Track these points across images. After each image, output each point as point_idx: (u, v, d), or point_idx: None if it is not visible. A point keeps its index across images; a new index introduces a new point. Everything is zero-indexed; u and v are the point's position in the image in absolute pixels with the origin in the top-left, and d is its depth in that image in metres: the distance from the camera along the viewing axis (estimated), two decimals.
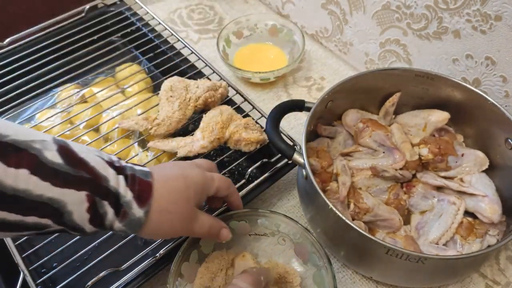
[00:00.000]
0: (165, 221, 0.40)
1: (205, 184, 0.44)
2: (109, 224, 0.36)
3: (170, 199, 0.40)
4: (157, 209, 0.38)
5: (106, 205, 0.35)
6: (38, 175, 0.31)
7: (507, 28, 0.54)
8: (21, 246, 0.52)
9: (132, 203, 0.37)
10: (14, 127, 0.32)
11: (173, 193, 0.40)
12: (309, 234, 0.49)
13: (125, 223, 0.37)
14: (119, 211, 0.36)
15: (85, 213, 0.34)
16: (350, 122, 0.61)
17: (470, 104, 0.56)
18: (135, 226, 0.37)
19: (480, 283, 0.53)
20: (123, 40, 0.79)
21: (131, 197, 0.37)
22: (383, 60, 0.73)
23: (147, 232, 0.39)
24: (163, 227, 0.40)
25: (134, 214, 0.37)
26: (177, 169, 0.42)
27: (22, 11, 1.00)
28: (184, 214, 0.41)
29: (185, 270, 0.48)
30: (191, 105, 0.63)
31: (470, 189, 0.54)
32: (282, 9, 0.89)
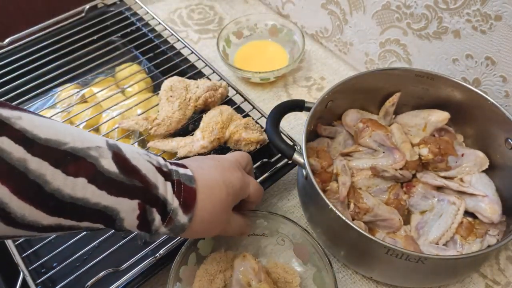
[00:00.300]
0: (206, 229, 0.42)
1: (242, 190, 0.45)
2: (154, 229, 0.38)
3: (213, 211, 0.41)
4: (200, 219, 0.40)
5: (154, 212, 0.36)
6: (95, 184, 0.32)
7: (507, 28, 0.54)
8: (21, 246, 0.52)
9: (178, 210, 0.38)
10: (71, 133, 0.33)
11: (216, 205, 0.41)
12: (308, 235, 0.49)
13: (170, 228, 0.38)
14: (165, 217, 0.37)
15: (135, 220, 0.36)
16: (350, 122, 0.61)
17: (470, 104, 0.56)
18: (178, 231, 0.39)
19: (480, 283, 0.53)
20: (123, 40, 0.79)
21: (177, 204, 0.38)
22: (383, 60, 0.73)
23: (185, 235, 0.41)
24: (202, 232, 0.43)
25: (179, 221, 0.38)
26: (218, 173, 0.43)
27: (22, 11, 1.00)
28: (222, 222, 0.43)
29: (183, 273, 0.48)
30: (191, 105, 0.63)
31: (470, 189, 0.54)
32: (282, 9, 0.89)
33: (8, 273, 0.51)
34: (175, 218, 0.38)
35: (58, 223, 0.32)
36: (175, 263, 0.47)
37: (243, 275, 0.47)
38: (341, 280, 0.54)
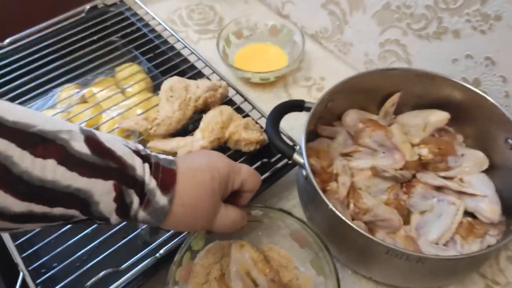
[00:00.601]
0: (189, 215, 0.39)
1: (231, 177, 0.42)
2: (134, 214, 0.36)
3: (195, 193, 0.39)
4: (181, 202, 0.38)
5: (132, 194, 0.35)
6: (65, 166, 0.31)
7: (507, 28, 0.54)
8: (21, 246, 0.52)
9: (155, 191, 0.36)
10: (41, 117, 0.32)
11: (199, 187, 0.39)
12: (305, 225, 0.48)
13: (149, 212, 0.36)
14: (143, 199, 0.36)
15: (112, 203, 0.34)
16: (350, 122, 0.61)
17: (470, 104, 0.56)
18: (159, 215, 0.37)
19: (480, 283, 0.53)
20: (123, 40, 0.79)
21: (155, 185, 0.36)
22: (383, 60, 0.73)
23: (169, 223, 0.38)
24: (186, 220, 0.39)
25: (157, 202, 0.36)
26: (203, 159, 0.41)
27: (22, 11, 0.99)
28: (208, 208, 0.40)
29: (179, 275, 0.46)
30: (191, 105, 0.63)
31: (470, 189, 0.54)
32: (282, 9, 0.89)
33: (8, 273, 0.51)
34: (153, 199, 0.36)
35: (30, 210, 0.30)
36: (170, 270, 0.45)
37: (242, 266, 0.46)
38: (341, 280, 0.54)
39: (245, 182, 0.43)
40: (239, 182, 0.43)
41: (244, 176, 0.43)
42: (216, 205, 0.41)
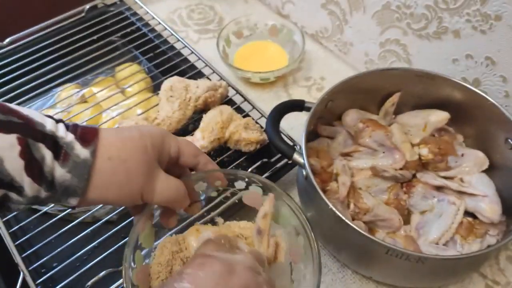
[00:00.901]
0: (120, 171, 0.34)
1: (165, 139, 0.38)
2: (49, 172, 0.31)
3: (123, 146, 0.35)
4: (107, 155, 0.33)
5: (42, 147, 0.31)
6: None
7: (507, 28, 0.54)
8: (21, 246, 0.52)
9: (74, 143, 0.32)
10: None
11: (126, 142, 0.35)
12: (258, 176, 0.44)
13: (69, 168, 0.32)
14: (59, 153, 0.32)
15: (18, 159, 0.30)
16: (350, 122, 0.61)
17: (470, 104, 0.56)
18: (81, 171, 0.32)
19: (480, 283, 0.53)
20: (123, 40, 0.79)
21: (73, 138, 0.32)
22: (383, 60, 0.73)
23: (99, 184, 0.33)
24: (118, 179, 0.34)
25: (78, 155, 0.32)
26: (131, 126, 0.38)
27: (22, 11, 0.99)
28: (142, 164, 0.35)
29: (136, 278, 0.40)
30: (191, 105, 0.63)
31: (470, 189, 0.54)
32: (282, 9, 0.89)
33: (8, 273, 0.51)
34: (71, 152, 0.32)
35: None
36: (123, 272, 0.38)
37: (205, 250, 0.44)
38: (341, 280, 0.54)
39: (183, 149, 0.40)
40: (176, 147, 0.39)
41: (181, 145, 0.40)
42: (151, 165, 0.36)
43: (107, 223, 0.54)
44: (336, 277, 0.54)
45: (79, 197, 0.33)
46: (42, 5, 0.97)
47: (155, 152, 0.37)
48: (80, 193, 0.33)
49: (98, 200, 0.35)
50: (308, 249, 0.41)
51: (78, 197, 0.33)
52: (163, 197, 0.37)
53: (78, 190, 0.33)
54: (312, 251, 0.41)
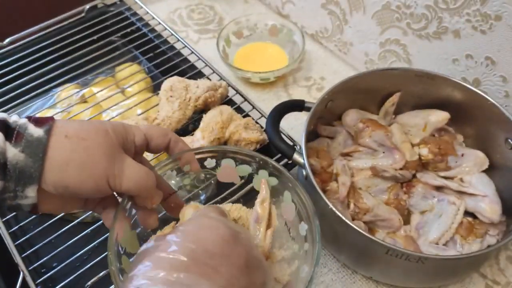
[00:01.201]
0: (79, 149, 0.32)
1: (126, 128, 0.36)
2: (1, 153, 0.29)
3: (80, 127, 0.33)
4: (63, 133, 0.32)
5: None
6: None
7: (507, 28, 0.54)
8: (21, 246, 0.52)
9: (27, 124, 0.31)
10: None
11: (84, 123, 0.34)
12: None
13: (22, 147, 0.30)
14: (10, 134, 0.30)
15: None
16: (350, 122, 0.61)
17: (470, 104, 0.56)
18: (36, 150, 0.30)
19: (480, 283, 0.53)
20: (123, 40, 0.79)
21: (26, 120, 0.31)
22: (383, 60, 0.73)
23: (57, 163, 0.31)
24: (79, 157, 0.32)
25: (31, 134, 0.30)
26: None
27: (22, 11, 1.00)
28: (103, 144, 0.33)
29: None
30: (191, 105, 0.63)
31: (470, 189, 0.54)
32: (282, 9, 0.89)
33: (8, 273, 0.51)
34: (24, 132, 0.30)
35: None
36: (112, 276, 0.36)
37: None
38: (341, 280, 0.54)
39: (150, 133, 0.38)
40: (141, 135, 0.37)
41: (146, 130, 0.38)
42: (114, 148, 0.34)
43: None
44: (336, 277, 0.54)
45: (36, 184, 0.31)
46: (42, 5, 0.97)
47: (118, 138, 0.35)
48: (36, 177, 0.30)
49: (58, 186, 0.32)
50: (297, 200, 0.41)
51: (35, 184, 0.31)
52: (133, 182, 0.34)
53: (34, 173, 0.30)
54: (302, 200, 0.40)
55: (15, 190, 0.31)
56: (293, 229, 0.42)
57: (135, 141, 0.37)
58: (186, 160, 0.42)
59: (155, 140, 0.39)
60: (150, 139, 0.38)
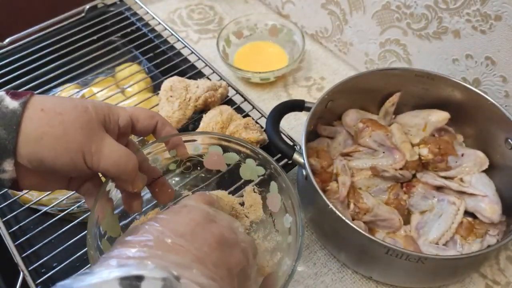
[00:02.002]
0: (55, 122, 0.31)
1: (111, 108, 0.36)
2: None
3: (58, 102, 0.33)
4: (40, 107, 0.31)
5: None
6: None
7: (507, 28, 0.54)
8: (21, 246, 0.52)
9: (3, 97, 0.31)
10: None
11: (64, 99, 0.33)
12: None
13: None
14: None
15: None
16: (350, 122, 0.61)
17: (470, 104, 0.56)
18: (10, 122, 0.30)
19: (480, 283, 0.53)
20: (123, 40, 0.79)
21: (3, 93, 0.31)
22: (383, 60, 0.73)
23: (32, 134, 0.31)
24: (54, 131, 0.31)
25: (6, 106, 0.31)
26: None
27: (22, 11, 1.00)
28: (81, 119, 0.32)
29: None
30: (191, 105, 0.63)
31: (470, 189, 0.54)
32: (282, 9, 0.89)
33: (8, 273, 0.51)
34: (0, 103, 0.31)
35: None
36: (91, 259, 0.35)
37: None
38: (341, 280, 0.54)
39: (136, 115, 0.37)
40: (126, 116, 0.37)
41: (131, 111, 0.37)
42: (93, 125, 0.33)
43: None
44: (336, 277, 0.54)
45: (12, 158, 0.31)
46: (42, 5, 0.98)
47: (98, 115, 0.34)
48: (11, 150, 0.30)
49: (32, 159, 0.31)
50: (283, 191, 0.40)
51: (11, 157, 0.31)
52: (111, 163, 0.33)
53: (8, 145, 0.30)
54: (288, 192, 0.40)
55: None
56: (278, 221, 0.42)
57: (119, 122, 0.36)
58: (173, 144, 0.41)
59: (141, 122, 0.38)
60: (136, 120, 0.37)
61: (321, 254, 0.56)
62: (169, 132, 0.40)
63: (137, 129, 0.38)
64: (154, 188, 0.41)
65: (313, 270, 0.54)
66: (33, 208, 0.56)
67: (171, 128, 0.40)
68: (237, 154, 0.43)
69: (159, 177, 0.41)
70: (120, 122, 0.36)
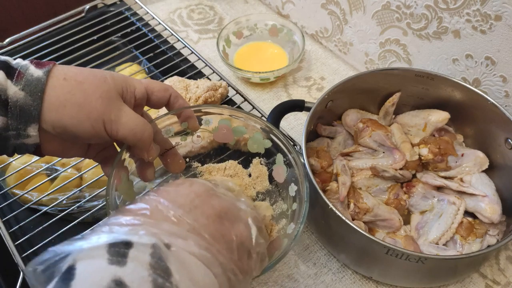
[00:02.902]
0: (77, 91, 0.33)
1: (127, 79, 0.37)
2: (2, 90, 0.31)
3: (79, 71, 0.34)
4: (62, 76, 0.33)
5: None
6: None
7: (507, 28, 0.54)
8: (21, 246, 0.52)
9: (28, 65, 0.33)
10: None
11: (84, 70, 0.35)
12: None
13: (22, 86, 0.32)
14: (12, 73, 0.32)
15: None
16: (350, 122, 0.61)
17: (470, 104, 0.56)
18: (35, 89, 0.32)
19: (480, 283, 0.53)
20: (123, 40, 0.79)
21: (28, 62, 0.33)
22: (383, 60, 0.73)
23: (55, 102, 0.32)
24: (75, 99, 0.33)
25: (31, 74, 0.32)
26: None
27: (22, 11, 1.00)
28: (100, 88, 0.34)
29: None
30: None
31: (470, 189, 0.54)
32: (282, 9, 0.89)
33: (8, 273, 0.51)
34: (25, 72, 0.32)
35: None
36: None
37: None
38: (341, 280, 0.54)
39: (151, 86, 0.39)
40: (142, 88, 0.38)
41: (147, 83, 0.39)
42: (112, 94, 0.35)
43: None
44: (336, 277, 0.54)
45: (37, 123, 0.33)
46: (42, 5, 0.98)
47: (117, 86, 0.36)
48: (36, 115, 0.32)
49: (56, 126, 0.33)
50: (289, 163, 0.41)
51: (35, 123, 0.33)
52: (129, 130, 0.35)
53: (34, 111, 0.32)
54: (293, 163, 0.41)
55: (18, 128, 0.33)
56: (283, 190, 0.44)
57: (135, 93, 0.37)
58: (185, 116, 0.42)
59: (156, 94, 0.39)
60: (151, 92, 0.39)
61: (321, 254, 0.56)
62: (181, 105, 0.41)
63: (151, 101, 0.39)
64: (166, 159, 0.42)
65: (313, 270, 0.54)
66: (33, 208, 0.56)
67: (183, 101, 0.41)
68: (245, 128, 0.44)
69: (171, 148, 0.42)
70: (136, 94, 0.38)
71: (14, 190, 0.58)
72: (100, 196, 0.57)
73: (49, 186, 0.59)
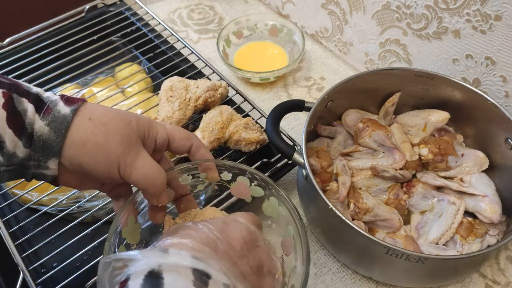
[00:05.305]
0: (99, 132, 0.34)
1: (152, 124, 0.38)
2: (30, 124, 0.32)
3: (106, 112, 0.35)
4: (88, 116, 0.34)
5: (25, 101, 0.32)
6: None
7: (507, 28, 0.54)
8: (21, 246, 0.52)
9: (58, 101, 0.34)
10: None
11: (111, 110, 0.36)
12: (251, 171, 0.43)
13: (48, 121, 0.33)
14: (41, 107, 0.33)
15: (1, 110, 0.31)
16: (350, 122, 0.61)
17: (470, 104, 0.56)
18: (60, 126, 0.33)
19: (480, 283, 0.53)
20: (123, 40, 0.79)
21: (58, 98, 0.34)
22: (383, 60, 0.73)
23: (76, 139, 0.33)
24: (96, 140, 0.33)
25: (59, 111, 0.33)
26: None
27: (22, 11, 1.00)
28: (122, 132, 0.35)
29: None
30: (191, 105, 0.63)
31: (470, 189, 0.54)
32: (282, 9, 0.89)
33: (8, 273, 0.51)
34: (54, 107, 0.33)
35: None
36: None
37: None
38: (341, 280, 0.54)
39: (173, 134, 0.39)
40: (164, 134, 0.39)
41: (170, 130, 0.39)
42: (133, 139, 0.35)
43: (107, 223, 0.54)
44: (336, 277, 0.54)
45: (57, 158, 0.33)
46: (42, 5, 0.98)
47: (140, 130, 0.36)
48: (57, 151, 0.33)
49: (73, 162, 0.34)
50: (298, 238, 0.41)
51: (56, 157, 0.33)
52: (142, 176, 0.35)
53: (55, 147, 0.33)
54: (301, 240, 0.40)
55: (39, 160, 0.34)
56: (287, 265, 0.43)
57: (156, 137, 0.38)
58: (205, 166, 0.42)
59: (177, 142, 0.40)
60: (172, 140, 0.39)
61: (321, 254, 0.56)
62: (203, 155, 0.41)
63: (172, 147, 0.40)
64: (180, 203, 0.43)
65: (313, 270, 0.54)
66: (33, 208, 0.56)
67: (205, 151, 0.42)
68: (262, 190, 0.44)
69: (186, 194, 0.43)
70: (158, 139, 0.38)
71: (14, 190, 0.58)
72: (100, 196, 0.57)
73: (49, 186, 0.59)
